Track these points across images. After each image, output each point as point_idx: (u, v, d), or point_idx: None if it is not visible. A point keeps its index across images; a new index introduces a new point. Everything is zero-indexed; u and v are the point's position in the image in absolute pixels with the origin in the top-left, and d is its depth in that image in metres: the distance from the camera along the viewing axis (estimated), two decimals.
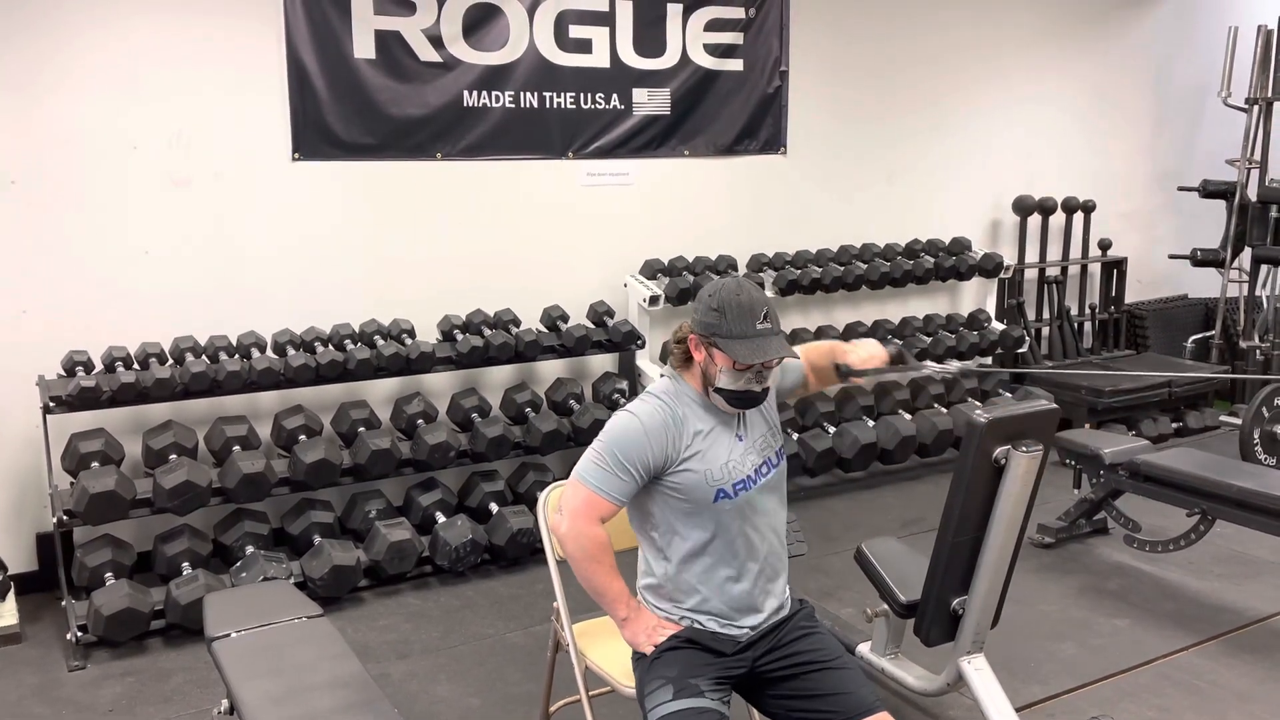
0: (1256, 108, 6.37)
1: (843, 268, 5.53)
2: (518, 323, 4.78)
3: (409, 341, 4.50)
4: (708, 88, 5.32)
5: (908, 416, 5.23)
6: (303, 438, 4.20)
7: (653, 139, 5.22)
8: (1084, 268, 6.73)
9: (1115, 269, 6.73)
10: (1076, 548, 4.53)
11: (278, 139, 4.40)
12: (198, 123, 4.24)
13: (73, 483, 3.85)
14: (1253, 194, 6.30)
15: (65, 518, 3.74)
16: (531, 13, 4.82)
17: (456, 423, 4.62)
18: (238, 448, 4.09)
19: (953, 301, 6.28)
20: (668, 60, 5.20)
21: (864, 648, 3.22)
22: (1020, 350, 6.03)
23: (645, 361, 5.07)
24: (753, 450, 2.32)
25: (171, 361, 4.14)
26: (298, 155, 4.45)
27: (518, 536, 4.24)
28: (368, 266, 4.64)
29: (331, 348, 4.36)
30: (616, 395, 4.82)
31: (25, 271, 4.02)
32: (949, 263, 5.83)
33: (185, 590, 3.67)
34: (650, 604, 2.37)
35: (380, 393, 4.62)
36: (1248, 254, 6.37)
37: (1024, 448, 2.54)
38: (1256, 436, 5.34)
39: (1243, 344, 6.39)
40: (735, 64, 5.38)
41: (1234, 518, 3.88)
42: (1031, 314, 6.48)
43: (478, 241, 4.87)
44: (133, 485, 3.83)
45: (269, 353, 4.31)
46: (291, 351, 4.29)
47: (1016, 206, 6.34)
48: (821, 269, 5.47)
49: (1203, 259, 6.48)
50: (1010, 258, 6.20)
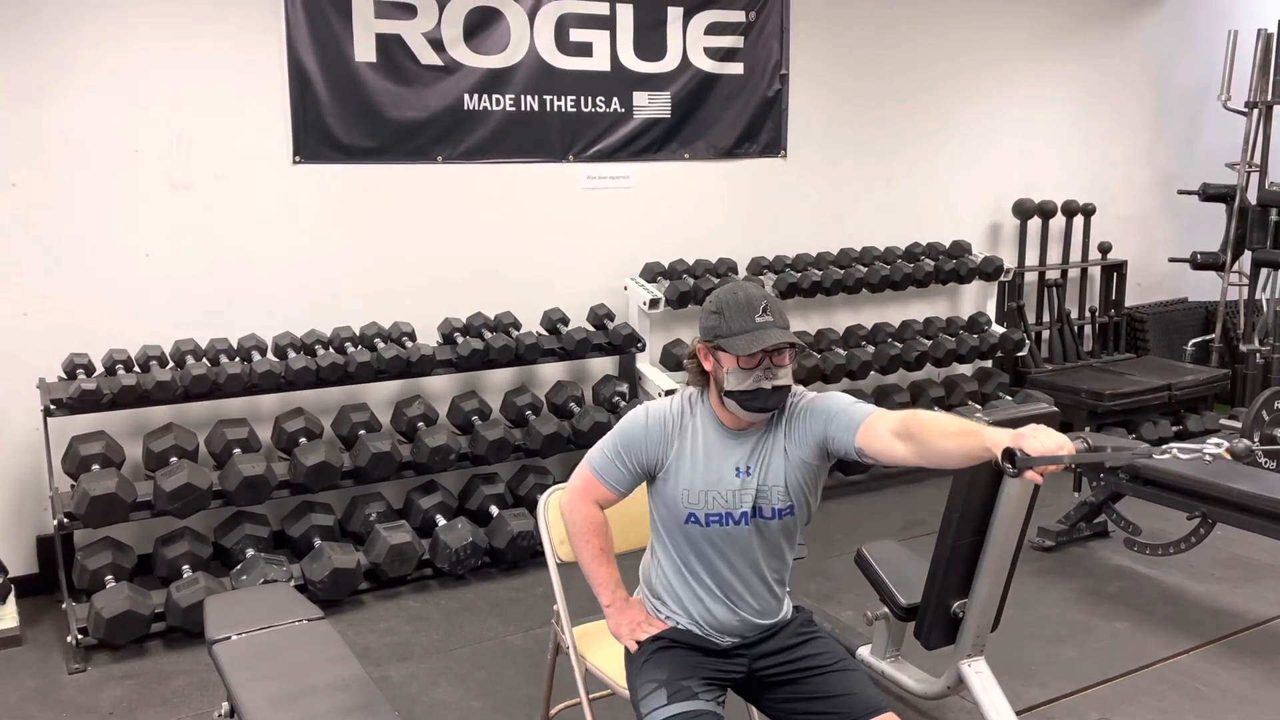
0: (1256, 111, 6.38)
1: (843, 271, 5.53)
2: (518, 325, 4.78)
3: (409, 344, 4.50)
4: (708, 91, 5.33)
5: None
6: (303, 440, 4.21)
7: (653, 142, 5.23)
8: (1084, 271, 6.73)
9: (1115, 272, 6.73)
10: (1077, 551, 4.53)
11: (279, 142, 4.41)
12: (199, 126, 4.25)
13: (73, 485, 3.85)
14: (1253, 197, 6.30)
15: (66, 520, 3.74)
16: (532, 16, 4.83)
17: (457, 425, 4.62)
18: (238, 450, 4.09)
19: (953, 304, 6.28)
20: (668, 64, 5.20)
21: (864, 651, 3.22)
22: (1020, 353, 6.03)
23: (645, 364, 5.07)
24: (749, 492, 2.22)
25: (172, 364, 4.14)
26: (298, 158, 4.45)
27: (518, 539, 4.24)
28: (368, 269, 4.65)
29: (332, 350, 4.36)
30: (617, 398, 4.83)
31: (26, 274, 4.03)
32: (949, 266, 5.83)
33: (186, 593, 3.67)
34: (646, 597, 2.41)
35: (381, 395, 4.62)
36: (1248, 257, 6.38)
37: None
38: (1257, 439, 5.35)
39: (1243, 347, 6.39)
40: (735, 67, 5.39)
41: (1234, 521, 3.88)
42: (1031, 317, 6.48)
43: (478, 244, 4.87)
44: (133, 488, 3.83)
45: (269, 355, 4.32)
46: (292, 354, 4.30)
47: (1016, 210, 6.34)
48: (821, 272, 5.48)
49: (1203, 262, 6.48)
50: (1010, 261, 6.20)
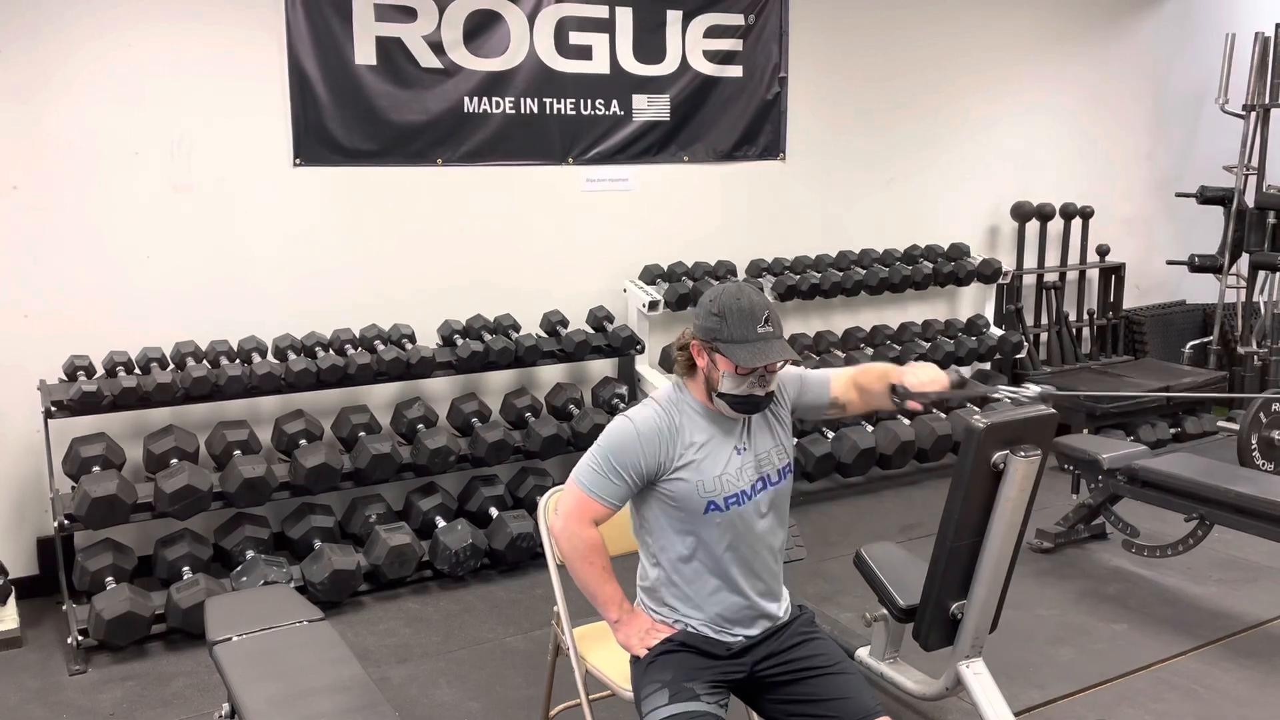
0: (1254, 114, 6.39)
1: (841, 273, 5.54)
2: (517, 328, 4.79)
3: (409, 346, 4.51)
4: (707, 94, 5.34)
5: (906, 421, 5.24)
6: (303, 442, 4.21)
7: (652, 145, 5.24)
8: (1082, 273, 6.74)
9: (1113, 275, 6.74)
10: (1075, 553, 4.54)
11: (279, 145, 4.41)
12: (199, 128, 4.26)
13: (74, 487, 3.85)
14: (1250, 200, 6.32)
15: (66, 522, 3.75)
16: (532, 19, 4.84)
17: (456, 427, 4.63)
18: (238, 452, 4.09)
19: (951, 307, 6.29)
20: (667, 66, 5.21)
21: (863, 652, 3.22)
22: (1018, 356, 6.04)
23: (645, 366, 5.08)
24: (751, 465, 2.30)
25: (172, 366, 4.15)
26: (299, 161, 4.46)
27: (517, 541, 4.24)
28: (368, 271, 4.66)
29: (332, 352, 4.37)
30: (616, 400, 4.83)
31: (27, 276, 4.04)
32: (948, 268, 5.84)
33: (186, 594, 3.67)
34: (646, 607, 2.39)
35: (380, 397, 4.63)
36: (1245, 260, 6.39)
37: (1022, 453, 2.54)
38: (1254, 442, 5.35)
39: (1240, 349, 6.40)
40: (735, 70, 5.40)
41: (1232, 523, 3.89)
42: (1030, 319, 6.49)
43: (478, 247, 4.88)
44: (134, 489, 3.83)
45: (270, 357, 4.32)
46: (292, 356, 4.30)
47: (1015, 212, 6.35)
48: (820, 274, 5.49)
49: (1201, 265, 6.49)
50: (1009, 263, 6.22)
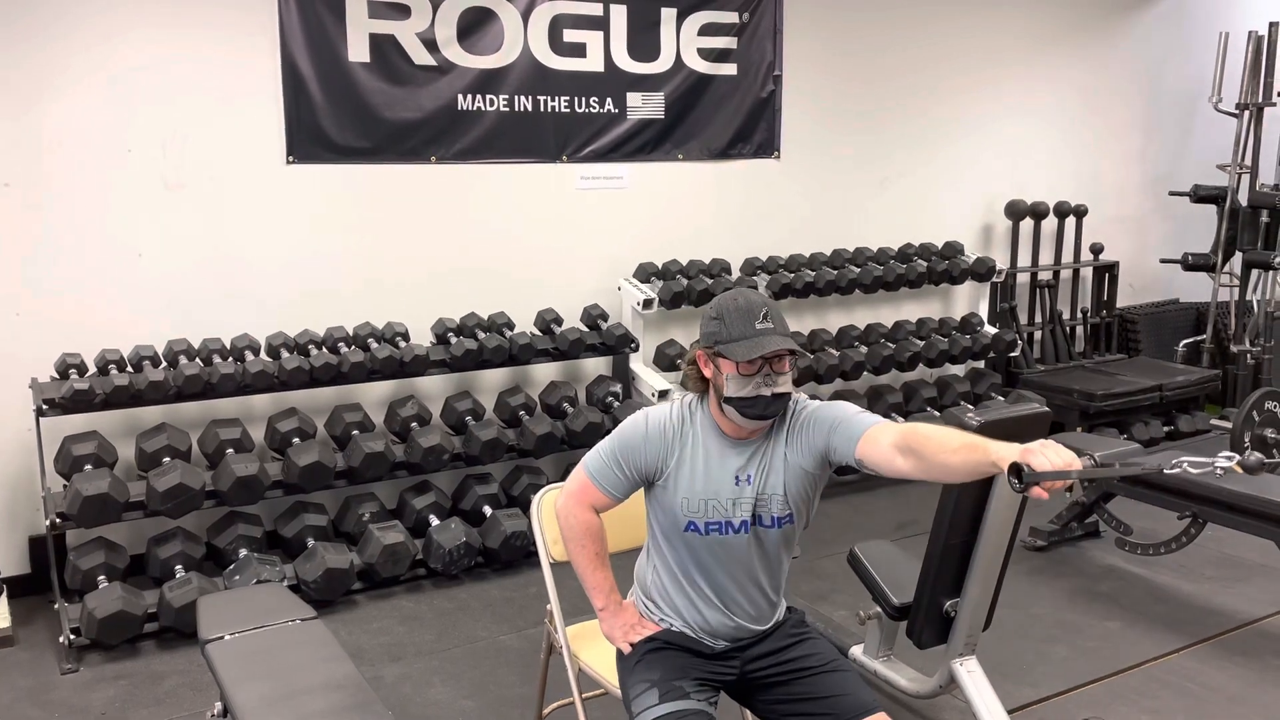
0: (1247, 113, 6.40)
1: (836, 271, 5.54)
2: (512, 326, 4.78)
3: (403, 344, 4.50)
4: (701, 92, 5.33)
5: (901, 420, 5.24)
6: (296, 440, 4.20)
7: (647, 143, 5.23)
8: (1076, 272, 6.74)
9: (1107, 273, 6.75)
10: (1068, 551, 4.55)
11: (272, 142, 4.40)
12: (192, 126, 4.24)
13: (65, 485, 3.84)
14: (1243, 199, 6.32)
15: (58, 520, 3.73)
16: (526, 17, 4.83)
17: (450, 426, 4.62)
18: (231, 450, 4.08)
19: (945, 305, 6.30)
20: (662, 64, 5.21)
21: (857, 650, 3.23)
22: (1012, 354, 6.05)
23: (639, 365, 5.07)
24: (748, 500, 2.23)
25: (165, 364, 4.13)
26: (292, 158, 4.45)
27: (511, 539, 4.24)
28: (362, 269, 4.64)
29: (325, 350, 4.36)
30: (610, 398, 4.83)
31: (19, 274, 4.02)
32: (942, 267, 5.85)
33: (178, 593, 3.66)
34: (640, 599, 2.41)
35: (374, 396, 4.62)
36: (1238, 258, 6.40)
37: None
38: (1247, 440, 5.36)
39: (1233, 348, 6.41)
40: (729, 68, 5.40)
41: (1225, 521, 3.90)
42: (1024, 318, 6.49)
43: (472, 245, 4.87)
44: (126, 488, 3.82)
45: (263, 355, 4.31)
46: (285, 354, 4.29)
47: (1009, 211, 6.36)
48: (815, 273, 5.49)
49: (1194, 263, 6.50)
50: (1003, 262, 6.22)
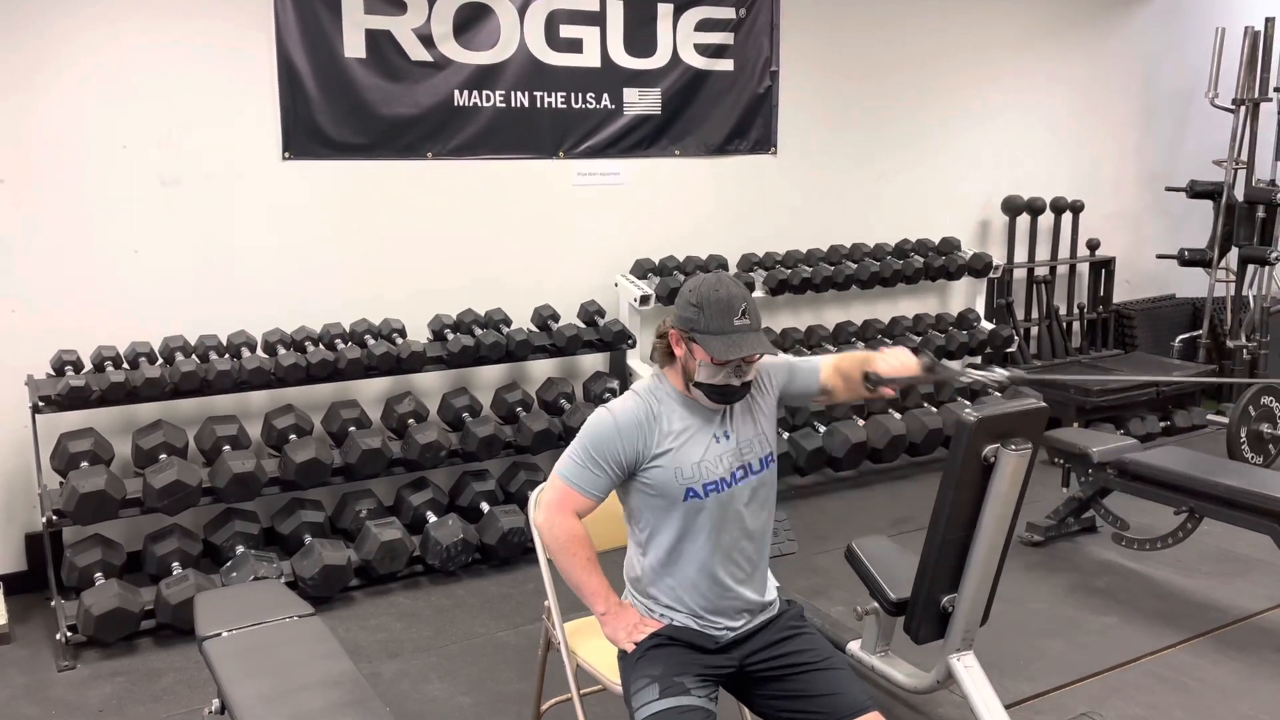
0: (1243, 109, 6.41)
1: (833, 267, 5.55)
2: (508, 322, 4.78)
3: (400, 341, 4.49)
4: (698, 88, 5.33)
5: (897, 415, 5.24)
6: (293, 437, 4.20)
7: (643, 139, 5.23)
8: (1072, 267, 6.75)
9: (1103, 269, 6.76)
10: (1065, 546, 4.55)
11: (268, 138, 4.39)
12: (188, 122, 4.24)
13: (62, 483, 3.83)
14: (1239, 194, 6.33)
15: (55, 518, 3.73)
16: (522, 12, 4.82)
17: (447, 422, 4.62)
18: (228, 447, 4.08)
19: (942, 301, 6.30)
20: (658, 60, 5.20)
21: (854, 645, 3.23)
22: (1009, 350, 6.05)
23: (636, 361, 5.08)
24: (732, 453, 2.30)
25: (161, 361, 4.13)
26: (288, 155, 4.44)
27: (509, 536, 4.24)
28: (358, 266, 4.64)
29: (322, 347, 4.35)
30: (607, 395, 4.83)
31: (14, 271, 4.01)
32: (938, 262, 5.85)
33: (175, 590, 3.66)
34: (635, 599, 2.40)
35: (371, 392, 4.61)
36: (1234, 254, 6.41)
37: (1013, 446, 2.55)
38: (1243, 435, 5.38)
39: (1230, 343, 6.42)
40: (726, 64, 5.39)
41: (1221, 516, 3.91)
42: (1020, 314, 6.51)
43: (468, 241, 4.87)
44: (122, 485, 3.82)
45: (259, 352, 4.31)
46: (282, 351, 4.29)
47: (1005, 206, 6.36)
48: (812, 269, 5.49)
49: (1190, 259, 6.51)
50: (999, 258, 6.23)
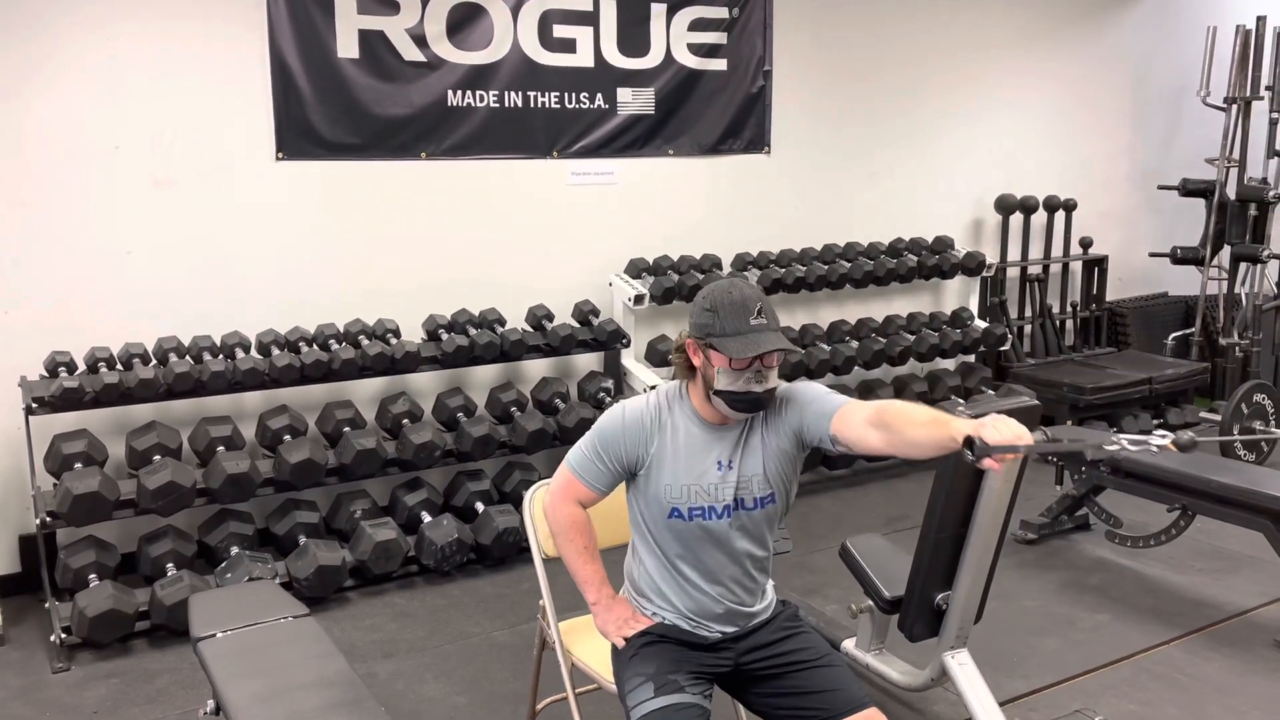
0: (1235, 107, 6.43)
1: (827, 266, 5.55)
2: (503, 322, 4.78)
3: (394, 341, 4.49)
4: (692, 87, 5.33)
5: None
6: (287, 438, 4.19)
7: (637, 138, 5.23)
8: (1065, 266, 6.77)
9: (1096, 267, 6.77)
10: (1058, 543, 4.56)
11: (261, 139, 4.39)
12: (181, 122, 4.23)
13: (55, 484, 3.83)
14: (1232, 192, 6.35)
15: (48, 519, 3.72)
16: (515, 12, 4.82)
17: (442, 422, 4.62)
18: (222, 448, 4.07)
19: (936, 300, 6.31)
20: (652, 60, 5.21)
21: (849, 644, 3.24)
22: (1002, 348, 6.07)
23: (630, 360, 5.08)
24: (730, 485, 2.24)
25: (155, 362, 4.12)
26: (281, 155, 4.44)
27: (503, 536, 4.24)
28: (352, 266, 4.64)
29: (316, 347, 4.35)
30: (602, 394, 4.83)
31: (7, 271, 4.00)
32: (932, 261, 5.86)
33: (170, 591, 3.65)
34: (631, 595, 2.41)
35: (365, 392, 4.61)
36: (1227, 252, 6.43)
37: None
38: (1235, 431, 5.40)
39: (1222, 341, 6.45)
40: (719, 64, 5.40)
41: (1214, 513, 3.92)
42: (1014, 312, 6.52)
43: (462, 241, 4.86)
44: (116, 486, 3.81)
45: (253, 353, 4.30)
46: (276, 351, 4.28)
47: (999, 205, 6.37)
48: (805, 268, 5.49)
49: (1183, 257, 6.53)
50: (992, 256, 6.24)
